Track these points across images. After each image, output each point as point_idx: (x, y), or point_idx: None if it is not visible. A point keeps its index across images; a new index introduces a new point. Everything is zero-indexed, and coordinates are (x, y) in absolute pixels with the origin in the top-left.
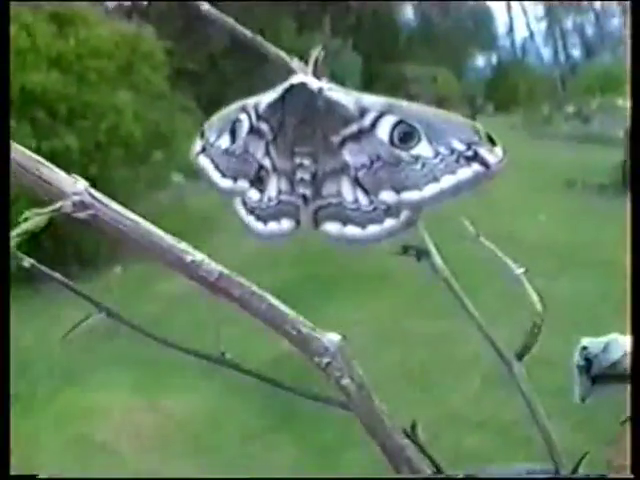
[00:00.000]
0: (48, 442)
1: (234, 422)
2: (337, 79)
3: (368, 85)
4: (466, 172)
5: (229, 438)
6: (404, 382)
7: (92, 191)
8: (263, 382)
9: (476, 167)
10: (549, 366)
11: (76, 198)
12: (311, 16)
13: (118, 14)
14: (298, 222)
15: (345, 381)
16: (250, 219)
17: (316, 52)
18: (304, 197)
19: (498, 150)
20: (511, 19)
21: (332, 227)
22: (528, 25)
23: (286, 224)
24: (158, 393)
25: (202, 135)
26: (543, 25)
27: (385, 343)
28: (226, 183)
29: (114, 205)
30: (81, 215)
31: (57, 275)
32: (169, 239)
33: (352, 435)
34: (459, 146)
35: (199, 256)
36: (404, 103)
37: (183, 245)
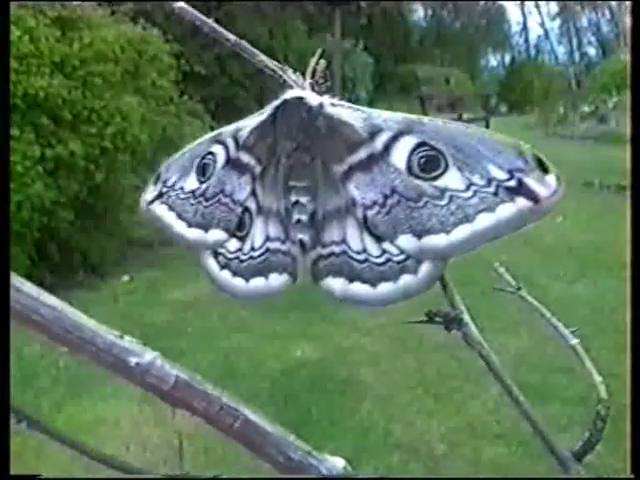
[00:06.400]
0: (54, 455)
1: None
2: (349, 81)
3: (380, 86)
4: (508, 209)
5: (240, 451)
6: (420, 390)
7: None
8: (275, 393)
9: (521, 202)
10: (569, 374)
11: None
12: (321, 18)
13: (123, 17)
14: (294, 276)
15: None
16: (224, 275)
17: (315, 59)
18: (301, 244)
19: (551, 179)
20: (524, 17)
21: (335, 283)
22: (542, 23)
23: (276, 280)
24: (167, 405)
25: (157, 179)
26: (557, 23)
27: (401, 350)
28: (194, 234)
29: (25, 287)
30: None
31: None
32: (105, 333)
33: (370, 445)
34: (499, 174)
35: (147, 356)
36: (426, 119)
37: (126, 341)
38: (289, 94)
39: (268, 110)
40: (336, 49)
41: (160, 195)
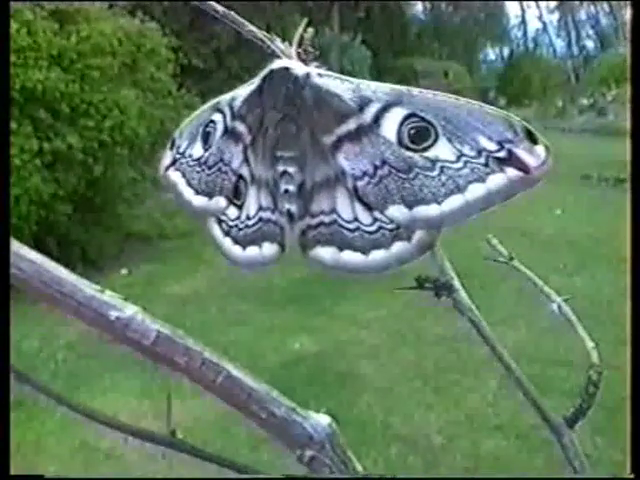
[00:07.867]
0: (53, 449)
1: (243, 428)
2: (347, 74)
3: (378, 80)
4: (498, 179)
5: (239, 444)
6: (419, 382)
7: None
8: (274, 386)
9: (512, 172)
10: (567, 366)
11: None
12: (320, 11)
13: (121, 11)
14: (282, 247)
15: None
16: (226, 242)
17: (301, 28)
18: (289, 214)
19: (540, 149)
20: (523, 10)
21: (325, 252)
22: (540, 16)
23: (268, 249)
24: (165, 399)
25: (172, 145)
26: (556, 16)
27: (400, 343)
28: (199, 201)
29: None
30: None
31: None
32: (87, 288)
33: (368, 437)
34: (489, 145)
35: (128, 311)
36: (415, 91)
37: (107, 296)
38: (275, 64)
39: (257, 80)
40: (334, 43)
41: (174, 161)
